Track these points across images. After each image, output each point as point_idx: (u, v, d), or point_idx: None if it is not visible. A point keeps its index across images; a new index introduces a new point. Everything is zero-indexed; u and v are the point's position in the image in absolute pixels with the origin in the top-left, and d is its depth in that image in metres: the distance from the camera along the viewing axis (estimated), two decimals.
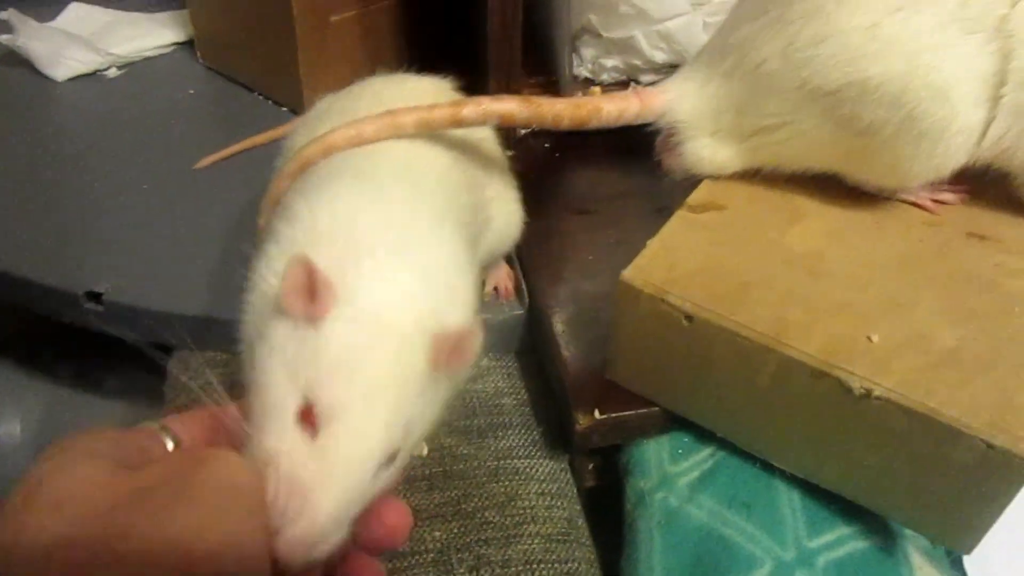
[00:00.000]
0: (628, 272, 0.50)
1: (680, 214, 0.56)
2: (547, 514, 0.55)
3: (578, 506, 0.58)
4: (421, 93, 0.55)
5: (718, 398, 0.51)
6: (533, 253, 0.65)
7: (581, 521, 0.57)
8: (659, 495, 0.52)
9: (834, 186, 0.57)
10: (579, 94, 0.78)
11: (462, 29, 0.79)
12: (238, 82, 0.90)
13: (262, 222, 0.51)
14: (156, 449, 0.34)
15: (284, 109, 0.85)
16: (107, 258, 0.67)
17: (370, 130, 0.49)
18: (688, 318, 0.48)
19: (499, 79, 0.71)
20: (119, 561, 0.27)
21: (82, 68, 0.90)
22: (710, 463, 0.53)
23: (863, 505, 0.49)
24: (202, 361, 0.63)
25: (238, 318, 0.42)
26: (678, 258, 0.52)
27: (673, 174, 0.59)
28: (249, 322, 0.40)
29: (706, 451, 0.54)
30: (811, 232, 0.55)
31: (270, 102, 0.87)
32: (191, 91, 0.89)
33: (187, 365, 0.63)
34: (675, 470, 0.53)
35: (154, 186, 0.75)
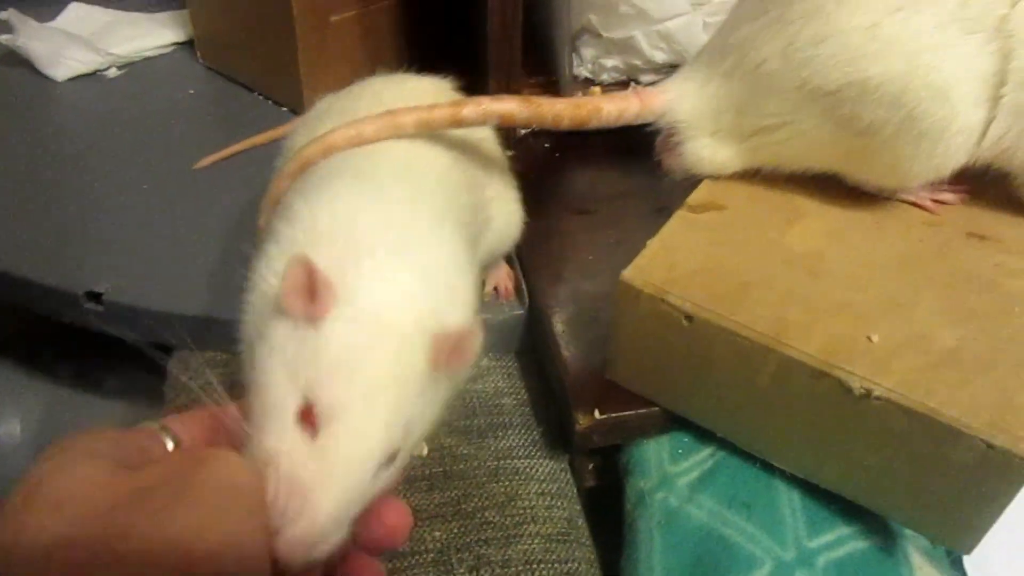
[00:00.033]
0: (628, 272, 0.50)
1: (680, 214, 0.56)
2: (547, 514, 0.55)
3: (578, 506, 0.58)
4: (421, 93, 0.55)
5: (718, 398, 0.51)
6: (533, 253, 0.65)
7: (581, 521, 0.57)
8: (659, 495, 0.52)
9: (834, 186, 0.57)
10: (579, 94, 0.78)
11: (462, 29, 0.79)
12: (238, 82, 0.90)
13: (262, 222, 0.51)
14: (156, 449, 0.34)
15: (284, 109, 0.85)
16: (107, 258, 0.67)
17: (370, 130, 0.49)
18: (688, 318, 0.48)
19: (499, 79, 0.71)
20: (119, 561, 0.27)
21: (82, 68, 0.89)
22: (710, 463, 0.53)
23: (863, 505, 0.49)
24: (202, 361, 0.63)
25: (238, 318, 0.42)
26: (678, 258, 0.52)
27: (673, 174, 0.59)
28: (249, 322, 0.40)
29: (706, 451, 0.54)
30: (811, 232, 0.55)
31: (270, 102, 0.87)
32: (191, 91, 0.89)
33: (187, 365, 0.63)
34: (675, 470, 0.53)
35: (154, 186, 0.75)
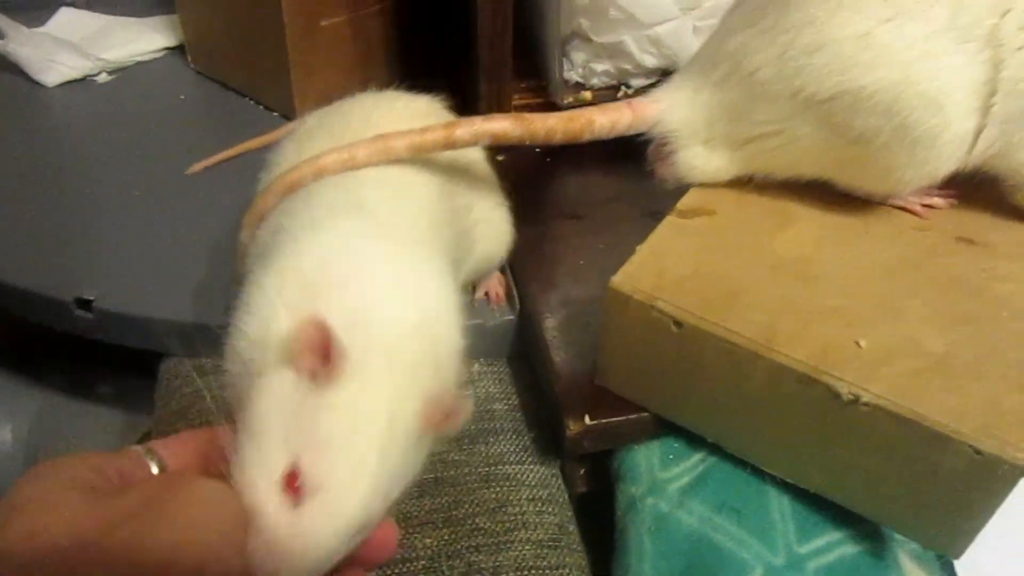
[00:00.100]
0: (617, 278, 0.50)
1: (669, 219, 0.56)
2: (538, 520, 0.55)
3: (569, 512, 0.58)
4: (412, 113, 0.54)
5: (708, 404, 0.51)
6: (524, 258, 0.65)
7: (572, 527, 0.57)
8: (649, 501, 0.52)
9: (824, 192, 0.57)
10: (570, 98, 0.78)
11: (452, 33, 0.79)
12: (229, 87, 0.89)
13: (245, 237, 0.50)
14: (140, 473, 0.34)
15: (275, 114, 0.85)
16: (96, 265, 0.67)
17: (362, 155, 0.48)
18: (678, 324, 0.48)
19: (489, 83, 0.71)
20: None
21: (72, 73, 0.89)
22: (700, 469, 0.53)
23: (853, 510, 0.49)
24: (192, 368, 0.63)
25: (226, 334, 0.41)
26: (667, 264, 0.52)
27: (666, 183, 0.59)
28: (243, 353, 0.39)
29: (696, 457, 0.54)
30: (801, 237, 0.55)
31: (261, 107, 0.86)
32: (182, 96, 0.89)
33: (177, 372, 0.63)
34: (665, 476, 0.53)
35: (145, 192, 0.75)
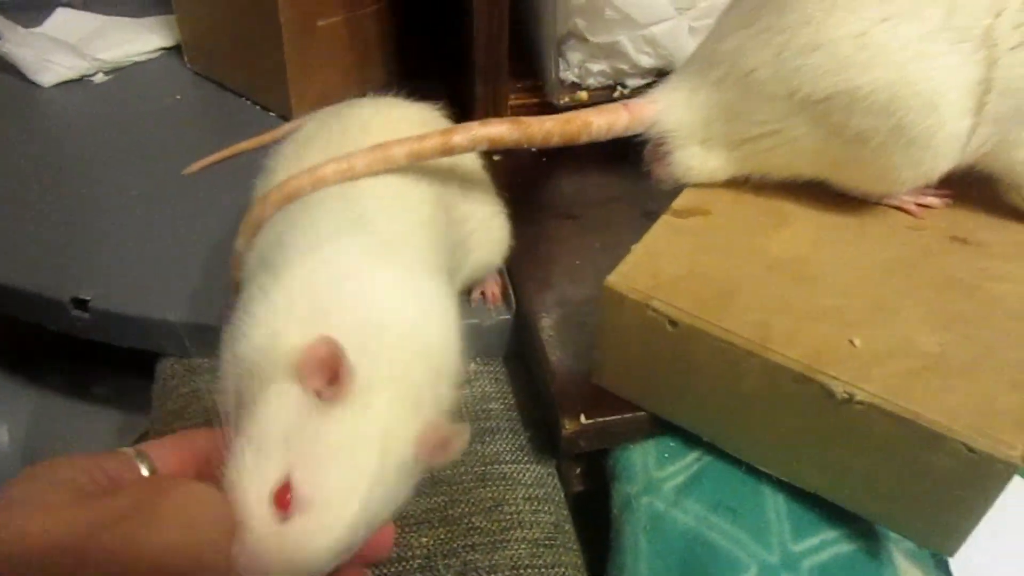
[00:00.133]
0: (612, 277, 0.50)
1: (665, 219, 0.56)
2: (534, 519, 0.55)
3: (565, 511, 0.58)
4: (409, 121, 0.54)
5: (703, 403, 0.51)
6: (521, 258, 0.65)
7: (568, 526, 0.57)
8: (645, 500, 0.53)
9: (818, 191, 0.57)
10: (566, 98, 0.78)
11: (449, 34, 0.79)
12: (226, 87, 0.89)
13: (240, 245, 0.50)
14: (130, 476, 0.34)
15: (272, 114, 0.85)
16: (93, 264, 0.67)
17: (361, 164, 0.48)
18: (673, 323, 0.49)
19: (486, 84, 0.71)
20: None
21: (69, 74, 0.89)
22: (696, 468, 0.53)
23: (848, 509, 0.49)
24: (189, 367, 0.63)
25: (227, 341, 0.41)
26: (663, 263, 0.52)
27: (663, 183, 0.59)
28: (248, 359, 0.39)
29: (692, 456, 0.54)
30: (795, 237, 0.55)
31: (258, 107, 0.86)
32: (178, 96, 0.89)
33: (174, 372, 0.63)
34: (661, 475, 0.54)
35: (141, 192, 0.75)
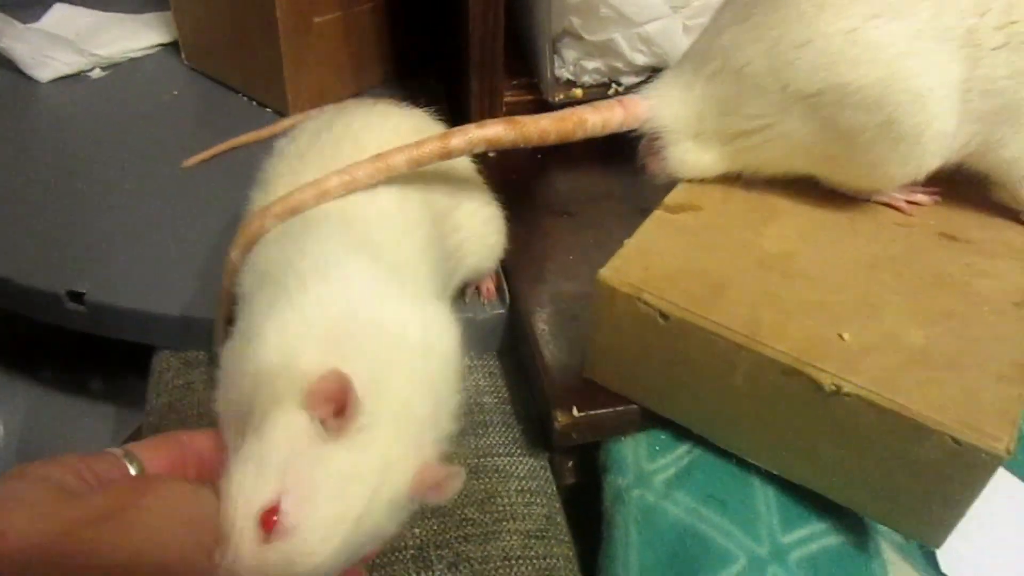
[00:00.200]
0: (604, 271, 0.51)
1: (657, 214, 0.57)
2: (526, 511, 0.56)
3: (557, 503, 0.58)
4: (405, 128, 0.54)
5: (694, 396, 0.52)
6: (515, 254, 0.65)
7: (560, 518, 0.57)
8: (636, 492, 0.53)
9: (809, 188, 0.58)
10: (561, 95, 0.79)
11: (445, 31, 0.79)
12: (223, 83, 0.90)
13: (236, 257, 0.50)
14: (117, 475, 0.34)
15: (269, 110, 0.86)
16: (89, 258, 0.67)
17: (362, 175, 0.49)
18: (664, 317, 0.49)
19: (481, 81, 0.72)
20: None
21: (66, 69, 0.89)
22: (686, 460, 0.54)
23: (836, 501, 0.49)
24: (184, 360, 0.64)
25: (232, 355, 0.41)
26: (654, 258, 0.52)
27: (656, 179, 0.60)
28: (255, 376, 0.39)
29: (682, 448, 0.55)
30: (785, 233, 0.55)
31: (255, 103, 0.87)
32: (175, 92, 0.89)
33: (169, 365, 0.64)
34: (652, 467, 0.54)
35: (137, 187, 0.75)
